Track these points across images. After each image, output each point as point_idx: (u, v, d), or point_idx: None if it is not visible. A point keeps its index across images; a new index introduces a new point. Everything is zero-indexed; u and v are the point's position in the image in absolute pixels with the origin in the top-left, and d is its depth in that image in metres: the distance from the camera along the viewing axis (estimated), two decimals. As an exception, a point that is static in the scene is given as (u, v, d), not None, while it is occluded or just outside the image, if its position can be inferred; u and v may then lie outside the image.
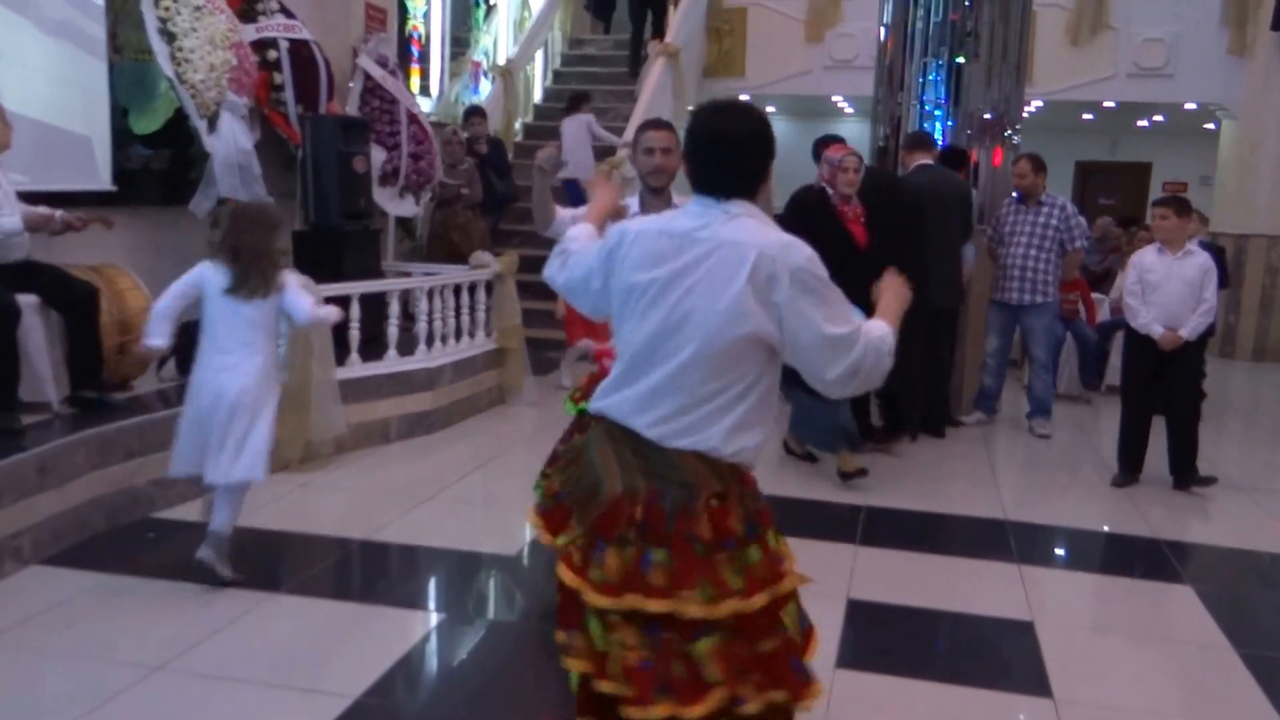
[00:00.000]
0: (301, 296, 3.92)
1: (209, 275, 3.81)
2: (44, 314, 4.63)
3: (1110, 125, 14.50)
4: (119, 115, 5.85)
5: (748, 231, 2.04)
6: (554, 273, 2.39)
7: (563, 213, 3.68)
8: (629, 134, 9.28)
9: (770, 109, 15.23)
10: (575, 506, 2.11)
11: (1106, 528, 5.15)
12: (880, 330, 2.10)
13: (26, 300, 4.49)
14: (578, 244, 2.38)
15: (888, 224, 5.55)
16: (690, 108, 11.44)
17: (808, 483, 5.54)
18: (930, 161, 6.62)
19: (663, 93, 10.08)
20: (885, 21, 7.98)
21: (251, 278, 3.77)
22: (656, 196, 3.63)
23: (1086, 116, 13.67)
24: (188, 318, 5.39)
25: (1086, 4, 10.96)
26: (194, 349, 5.43)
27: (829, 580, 4.07)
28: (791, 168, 12.40)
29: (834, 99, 13.33)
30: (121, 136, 5.87)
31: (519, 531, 4.57)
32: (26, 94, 5.10)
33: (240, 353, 3.82)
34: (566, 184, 8.91)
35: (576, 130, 9.36)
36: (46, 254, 4.82)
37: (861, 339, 2.05)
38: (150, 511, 4.65)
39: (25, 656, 3.32)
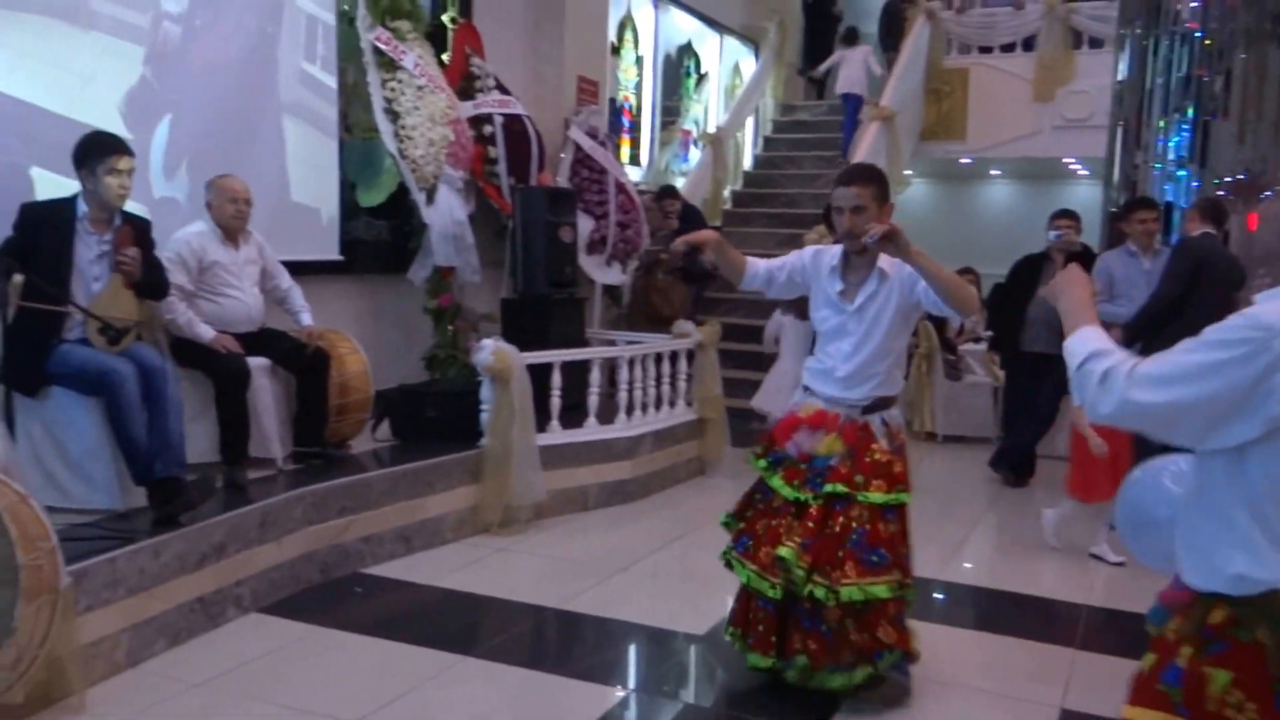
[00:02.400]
0: None
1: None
2: (272, 376, 4.93)
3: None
4: (348, 189, 6.24)
5: None
6: (1103, 396, 1.74)
7: (755, 263, 3.56)
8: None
9: (994, 172, 14.71)
10: None
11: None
12: None
13: (259, 363, 4.81)
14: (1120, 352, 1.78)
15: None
16: (907, 172, 11.21)
17: (1025, 576, 5.19)
18: (1213, 231, 6.02)
19: (876, 157, 9.88)
20: (1120, 78, 7.57)
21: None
22: (860, 258, 3.37)
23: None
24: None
25: (1353, 52, 10.01)
26: (404, 413, 5.71)
27: (1042, 687, 3.76)
28: (1018, 234, 11.88)
29: (1065, 161, 12.71)
30: (349, 209, 6.26)
31: (713, 610, 4.45)
32: (266, 171, 5.51)
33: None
34: (845, 97, 11.03)
35: (853, 57, 11.01)
36: (279, 321, 5.15)
37: None
38: (359, 567, 4.83)
39: (236, 701, 3.48)
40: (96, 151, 4.04)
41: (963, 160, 12.70)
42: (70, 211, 4.09)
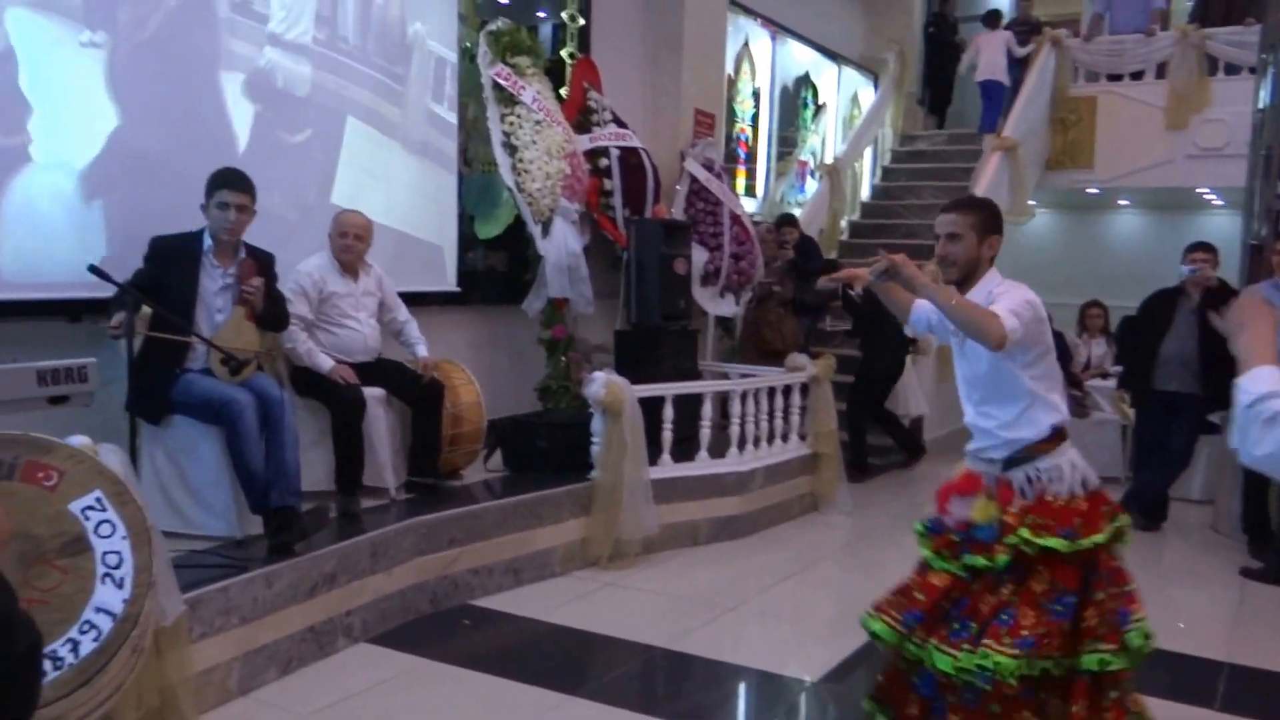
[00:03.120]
0: None
1: None
2: (387, 406, 5.00)
3: None
4: (466, 222, 6.33)
5: None
6: (1266, 436, 1.67)
7: (920, 304, 3.25)
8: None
9: (1123, 202, 14.18)
10: None
11: None
12: None
13: (374, 393, 4.88)
14: None
15: None
16: (1031, 202, 10.89)
17: (1159, 630, 4.89)
18: None
19: (999, 188, 9.62)
20: (1261, 105, 7.19)
21: None
22: (961, 289, 3.01)
23: None
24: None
25: None
26: (515, 444, 5.72)
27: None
28: (1148, 265, 11.38)
29: (1199, 190, 12.16)
30: (466, 241, 6.35)
31: (825, 653, 4.31)
32: (391, 207, 5.64)
33: None
34: (983, 84, 11.13)
35: (994, 41, 11.16)
36: (395, 351, 5.23)
37: None
38: (468, 598, 4.83)
39: (340, 736, 3.50)
40: (210, 185, 4.19)
41: (1090, 190, 12.26)
42: (196, 245, 4.22)
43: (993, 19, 11.49)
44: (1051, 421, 2.97)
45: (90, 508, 2.62)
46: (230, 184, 4.18)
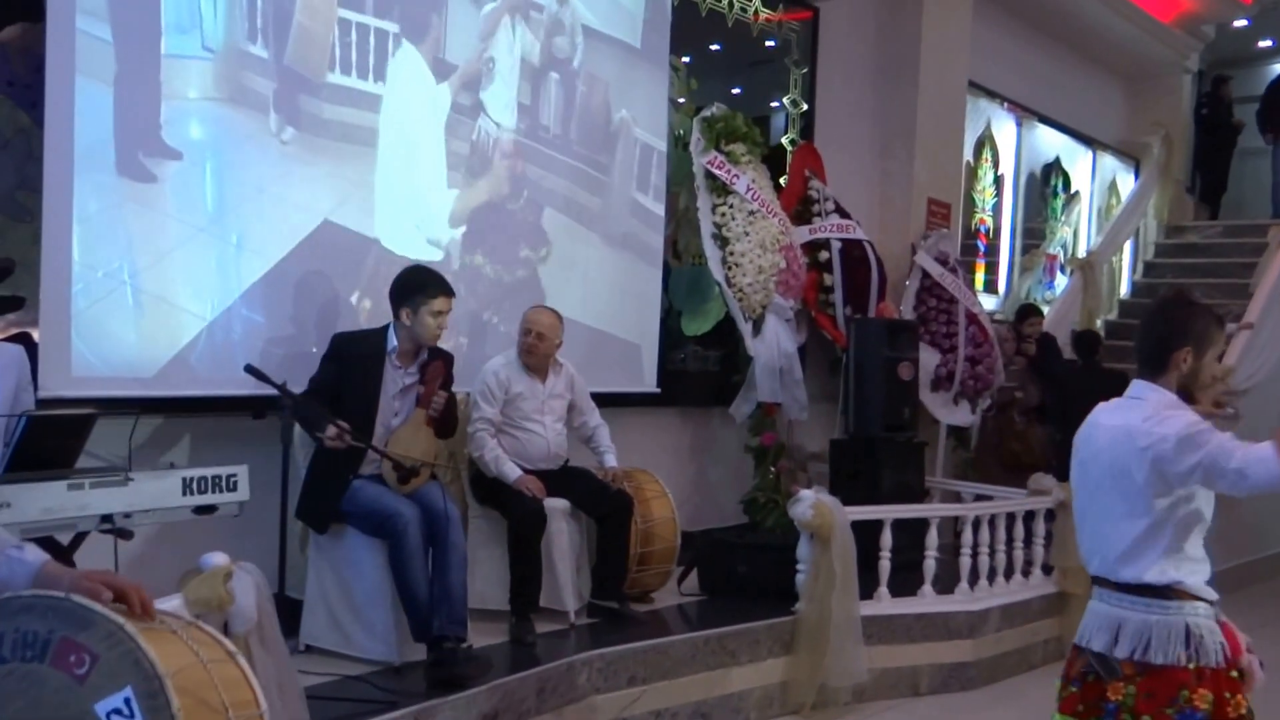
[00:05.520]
0: None
1: None
2: (571, 519, 4.59)
3: None
4: (672, 317, 5.96)
5: None
6: None
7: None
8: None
9: None
10: None
11: None
12: None
13: (556, 505, 4.48)
14: None
15: None
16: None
17: None
18: None
19: (1287, 286, 8.40)
20: None
21: None
22: None
23: None
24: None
25: None
26: (712, 565, 5.19)
27: None
28: None
29: None
30: (672, 338, 5.98)
31: None
32: (587, 302, 5.35)
33: None
34: None
35: None
36: (582, 457, 4.84)
37: None
38: (648, 745, 4.29)
39: None
40: (420, 290, 3.93)
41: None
42: (380, 344, 3.99)
43: None
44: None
45: (117, 711, 2.10)
46: (445, 291, 3.96)
